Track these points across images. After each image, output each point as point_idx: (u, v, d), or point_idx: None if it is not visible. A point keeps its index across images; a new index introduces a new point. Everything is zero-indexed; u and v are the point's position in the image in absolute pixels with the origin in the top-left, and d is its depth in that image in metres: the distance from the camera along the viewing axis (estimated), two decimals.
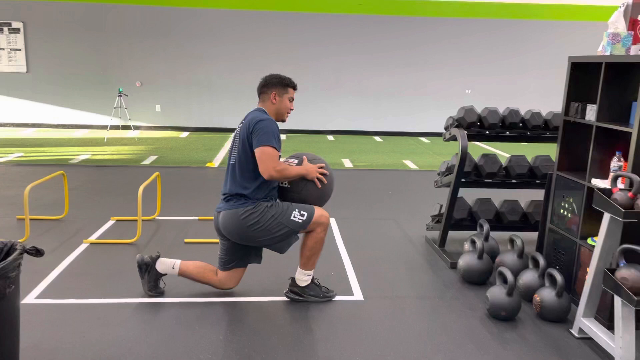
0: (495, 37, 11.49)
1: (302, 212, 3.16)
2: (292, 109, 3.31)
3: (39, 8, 10.69)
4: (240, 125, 3.23)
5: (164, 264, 3.35)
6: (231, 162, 3.21)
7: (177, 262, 3.36)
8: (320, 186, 3.20)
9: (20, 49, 10.81)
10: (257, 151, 3.04)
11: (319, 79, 11.31)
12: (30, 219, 4.67)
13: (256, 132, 3.06)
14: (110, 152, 8.53)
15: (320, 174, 3.20)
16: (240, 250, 3.29)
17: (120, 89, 10.02)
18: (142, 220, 4.70)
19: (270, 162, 3.03)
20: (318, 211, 3.21)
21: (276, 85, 3.25)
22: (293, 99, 3.32)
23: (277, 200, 3.22)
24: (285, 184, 3.24)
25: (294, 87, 3.33)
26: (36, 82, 10.98)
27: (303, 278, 3.33)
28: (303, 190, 3.21)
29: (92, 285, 3.52)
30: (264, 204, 3.12)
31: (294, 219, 3.14)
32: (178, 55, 11.10)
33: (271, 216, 3.11)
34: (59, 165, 7.31)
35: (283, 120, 3.30)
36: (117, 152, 8.61)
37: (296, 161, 3.24)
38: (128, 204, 5.32)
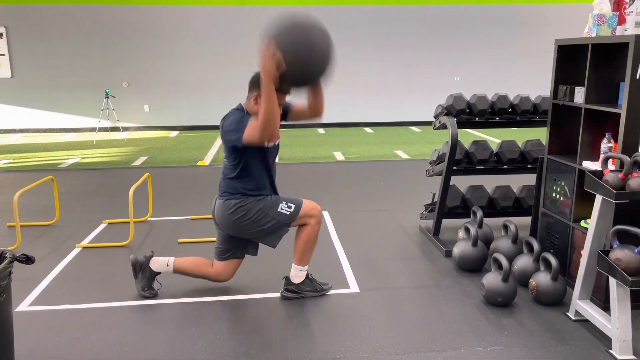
0: (481, 23, 11.48)
1: (290, 204, 3.14)
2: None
3: (21, 12, 10.56)
4: None
5: (157, 263, 3.33)
6: None
7: (171, 259, 3.35)
8: (284, 68, 2.63)
9: (4, 54, 10.68)
10: (245, 143, 2.88)
11: None
12: (21, 226, 4.63)
13: (227, 133, 2.94)
14: (100, 155, 8.47)
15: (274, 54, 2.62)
16: (235, 240, 3.24)
17: (107, 91, 9.93)
18: (134, 222, 4.67)
19: (255, 135, 2.80)
20: (308, 204, 3.19)
21: (259, 85, 2.82)
22: (280, 104, 2.89)
23: (268, 196, 3.17)
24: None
25: (283, 92, 2.89)
26: (22, 87, 10.87)
27: (297, 274, 3.31)
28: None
29: (86, 290, 3.49)
30: (252, 198, 3.09)
31: (281, 210, 3.11)
32: (164, 54, 11.01)
33: (259, 209, 3.08)
34: (48, 170, 7.25)
35: None
36: (106, 154, 8.54)
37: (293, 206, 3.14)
38: (119, 207, 5.29)
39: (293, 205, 3.14)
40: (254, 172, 3.08)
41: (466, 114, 4.16)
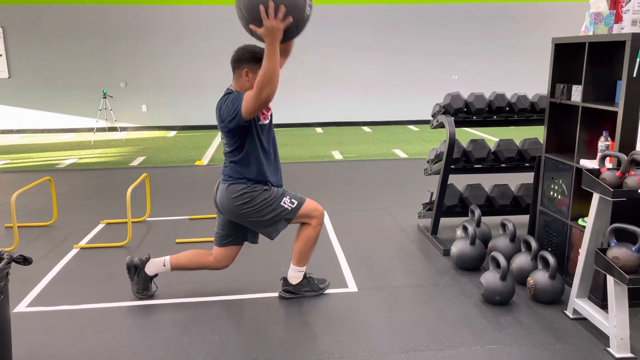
0: (479, 22, 11.48)
1: (293, 200, 3.13)
2: None
3: (18, 12, 10.55)
4: None
5: (154, 265, 3.32)
6: None
7: (167, 258, 3.33)
8: (291, 21, 2.66)
9: (1, 55, 10.66)
10: (245, 116, 2.85)
11: (305, 71, 11.27)
12: (19, 227, 4.63)
13: (226, 114, 2.89)
14: (98, 155, 8.46)
15: (283, 17, 2.62)
16: (236, 226, 3.20)
17: (105, 91, 9.93)
18: (132, 222, 4.67)
19: (253, 101, 2.78)
20: (311, 204, 3.17)
21: (248, 60, 2.95)
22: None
23: (274, 187, 3.14)
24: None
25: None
26: (19, 88, 10.85)
27: (295, 275, 3.30)
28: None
29: (84, 290, 3.49)
30: (260, 187, 3.06)
31: (283, 204, 3.09)
32: (162, 54, 11.00)
33: (263, 199, 3.06)
34: (46, 170, 7.24)
35: None
36: (104, 154, 8.53)
37: (296, 202, 3.14)
38: (117, 207, 5.28)
39: (296, 202, 3.13)
40: (253, 155, 3.03)
41: (464, 112, 4.16)
